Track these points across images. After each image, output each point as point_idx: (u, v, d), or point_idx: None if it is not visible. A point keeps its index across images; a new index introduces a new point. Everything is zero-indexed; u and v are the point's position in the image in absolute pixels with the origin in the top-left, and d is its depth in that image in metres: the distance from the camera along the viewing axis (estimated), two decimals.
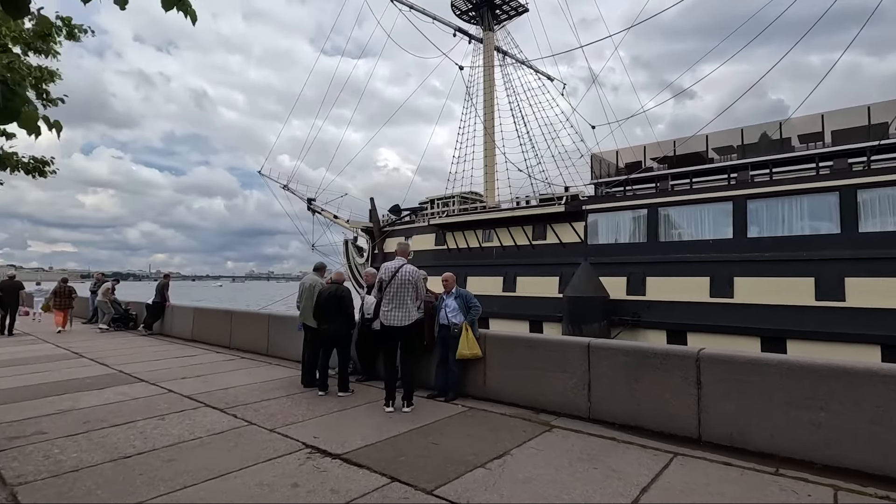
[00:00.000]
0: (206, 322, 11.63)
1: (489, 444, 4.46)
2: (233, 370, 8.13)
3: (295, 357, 8.88)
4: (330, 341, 6.61)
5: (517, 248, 26.02)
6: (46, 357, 9.53)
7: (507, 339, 6.09)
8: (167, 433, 4.84)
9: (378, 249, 34.28)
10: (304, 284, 7.20)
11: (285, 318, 9.43)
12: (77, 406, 5.86)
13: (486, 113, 31.85)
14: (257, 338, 9.89)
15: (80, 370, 8.12)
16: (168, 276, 14.80)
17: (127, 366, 8.51)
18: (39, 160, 5.70)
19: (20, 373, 7.94)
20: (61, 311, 14.34)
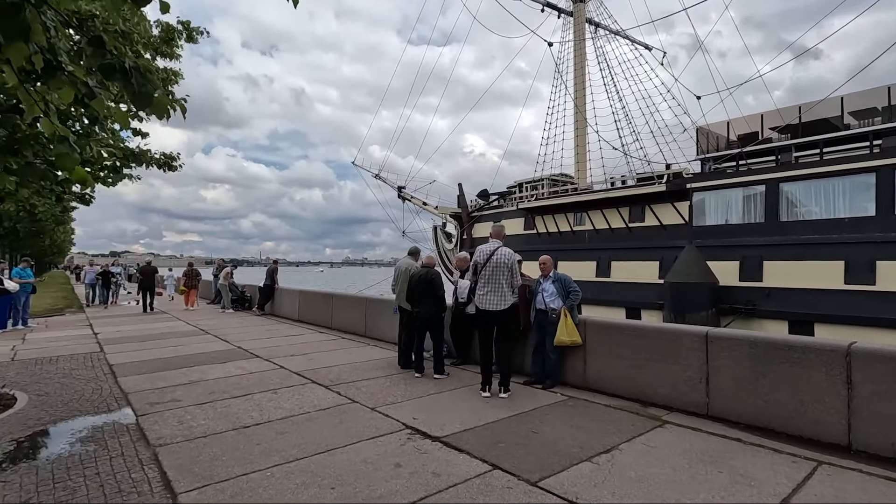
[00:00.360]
0: (310, 304, 12.41)
1: (594, 437, 4.18)
2: (334, 349, 8.56)
3: (391, 339, 9.15)
4: (423, 324, 6.67)
5: (612, 231, 24.68)
6: (180, 333, 10.77)
7: (610, 326, 5.70)
8: (280, 406, 5.17)
9: (466, 235, 34.45)
10: (399, 268, 7.32)
11: (381, 302, 9.73)
12: (204, 378, 6.50)
13: (578, 90, 30.31)
14: (356, 319, 10.33)
15: (206, 345, 9.05)
16: (276, 261, 16.01)
17: (244, 342, 9.32)
18: (168, 156, 6.33)
19: (160, 346, 9.02)
20: (191, 289, 16.66)
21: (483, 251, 5.77)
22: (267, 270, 15.11)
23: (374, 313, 9.82)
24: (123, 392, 5.85)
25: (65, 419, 4.87)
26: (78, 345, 9.30)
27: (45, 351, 8.65)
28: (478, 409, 5.05)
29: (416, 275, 6.74)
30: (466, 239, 34.70)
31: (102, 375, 6.76)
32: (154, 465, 3.68)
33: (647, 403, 5.13)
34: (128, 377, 6.60)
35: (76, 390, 5.98)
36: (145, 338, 10.08)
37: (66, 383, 6.34)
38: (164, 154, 6.22)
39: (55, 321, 13.56)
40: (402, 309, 7.21)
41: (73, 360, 7.88)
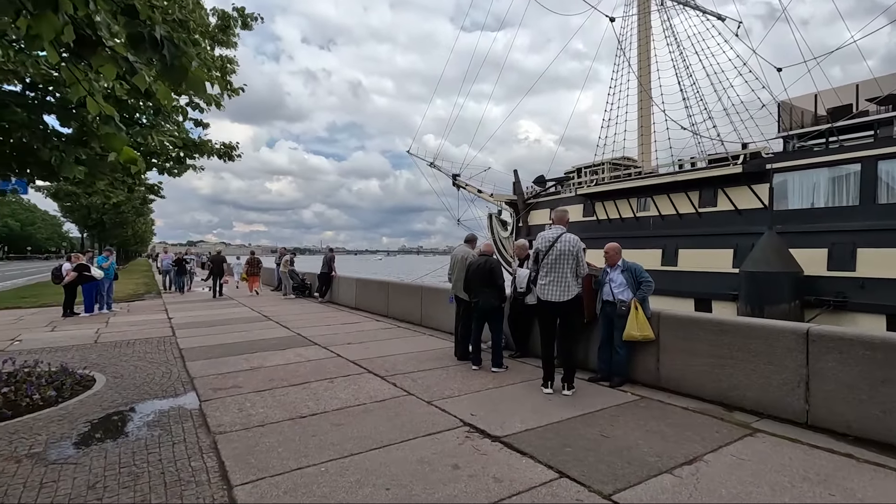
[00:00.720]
0: (366, 292, 12.50)
1: (674, 445, 3.75)
2: (390, 339, 8.50)
3: (446, 328, 8.97)
4: (481, 315, 6.39)
5: (679, 217, 23.23)
6: (244, 319, 11.16)
7: (688, 321, 5.15)
8: (336, 397, 5.10)
9: (522, 222, 33.75)
10: (456, 256, 7.07)
11: (437, 291, 9.57)
12: (264, 364, 6.60)
13: (642, 66, 28.56)
14: (411, 308, 10.24)
15: (268, 332, 9.28)
16: (332, 250, 16.35)
17: (303, 329, 9.48)
18: (228, 145, 6.42)
19: (226, 332, 9.36)
20: (254, 276, 18.11)
21: (545, 238, 5.39)
22: (324, 259, 15.41)
23: (429, 302, 9.68)
24: (190, 376, 6.03)
25: (135, 402, 5.05)
26: (153, 329, 9.84)
27: (124, 334, 9.21)
28: (540, 406, 4.72)
29: (473, 263, 6.46)
30: (522, 227, 34.01)
31: (172, 359, 7.04)
32: (213, 454, 3.68)
33: (731, 408, 4.59)
34: (195, 362, 6.83)
35: (148, 373, 6.25)
36: (213, 323, 10.52)
37: (139, 366, 6.65)
38: (224, 144, 6.28)
39: (136, 306, 14.55)
40: (458, 298, 6.97)
41: (148, 343, 8.31)
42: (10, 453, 3.73)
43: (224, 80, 6.03)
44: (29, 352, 7.65)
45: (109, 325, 10.39)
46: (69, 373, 5.92)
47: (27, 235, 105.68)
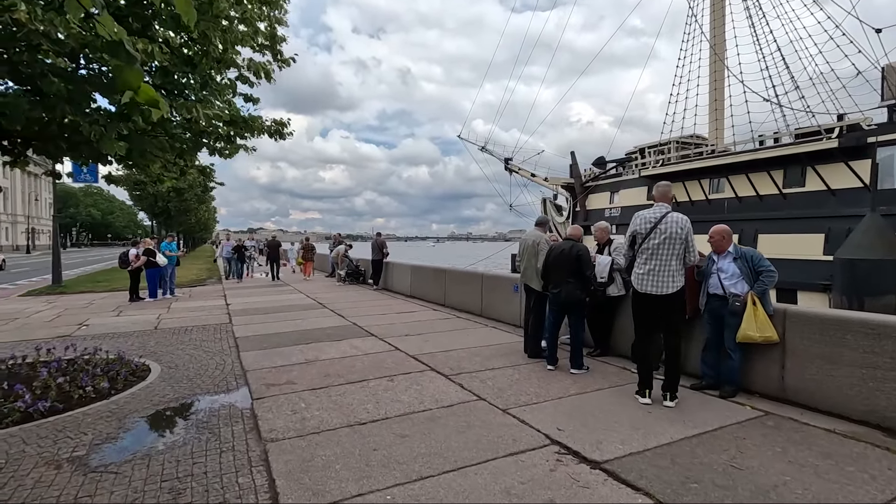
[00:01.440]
0: (421, 280, 11.97)
1: (837, 487, 2.87)
2: (450, 330, 7.89)
3: (509, 320, 8.27)
4: (561, 308, 5.61)
5: (759, 198, 21.15)
6: (300, 306, 10.94)
7: (830, 321, 4.14)
8: (397, 399, 4.54)
9: (580, 206, 32.25)
10: (526, 242, 6.30)
11: (499, 278, 8.85)
12: (320, 357, 6.16)
13: (716, 33, 26.04)
14: (470, 297, 9.59)
15: (322, 320, 8.93)
16: (380, 234, 15.97)
17: (358, 318, 9.07)
18: (279, 122, 5.95)
19: (282, 319, 9.11)
20: (307, 261, 19.36)
21: (646, 218, 4.53)
22: (372, 244, 15.01)
23: (490, 291, 8.98)
24: (243, 369, 5.69)
25: (186, 397, 4.72)
26: (211, 315, 9.77)
27: (183, 321, 9.15)
28: (640, 421, 3.93)
29: (555, 248, 5.66)
30: (580, 211, 32.52)
31: (227, 349, 6.78)
32: (263, 468, 3.18)
33: (893, 432, 3.61)
34: (249, 352, 6.52)
35: (202, 364, 5.97)
36: (269, 310, 10.35)
37: (194, 355, 6.41)
38: (275, 121, 5.81)
39: (197, 291, 14.82)
40: (529, 289, 6.22)
41: (205, 331, 8.15)
42: (52, 456, 3.41)
43: (274, 48, 5.55)
44: (93, 337, 7.67)
45: (171, 311, 10.45)
46: (125, 362, 5.74)
47: (107, 224, 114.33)
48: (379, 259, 14.65)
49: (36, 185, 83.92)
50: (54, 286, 14.76)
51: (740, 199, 21.81)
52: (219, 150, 6.24)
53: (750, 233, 21.03)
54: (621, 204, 28.80)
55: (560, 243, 5.78)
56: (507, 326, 8.13)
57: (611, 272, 5.98)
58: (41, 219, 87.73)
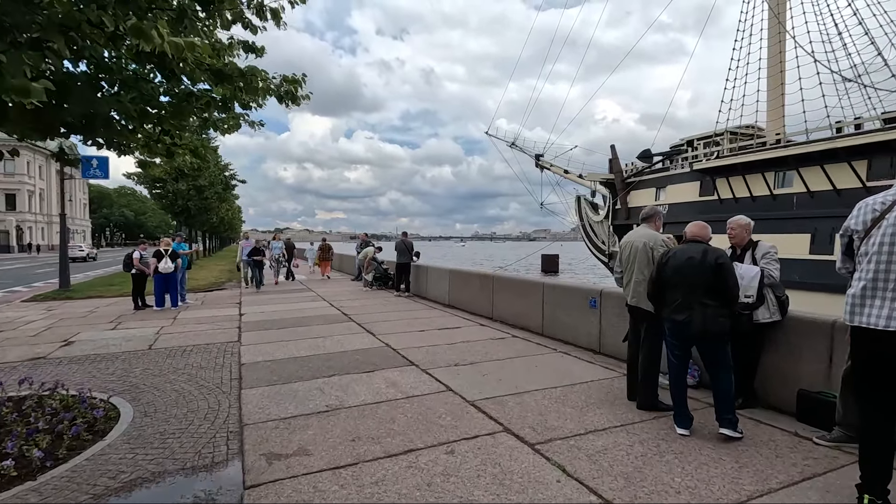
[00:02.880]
0: (463, 287, 10.26)
1: None
2: (511, 357, 6.15)
3: (583, 343, 6.52)
4: (688, 341, 3.82)
5: (837, 193, 18.69)
6: (322, 318, 9.37)
7: None
8: (466, 490, 2.85)
9: (621, 204, 30.02)
10: (633, 245, 4.49)
11: (568, 290, 7.06)
12: (346, 402, 4.52)
13: (780, 6, 23.37)
14: (528, 311, 7.84)
15: (348, 339, 7.32)
16: (406, 234, 14.41)
17: (391, 337, 7.43)
18: (291, 79, 4.33)
19: (300, 337, 7.54)
20: (325, 262, 19.35)
21: (868, 207, 2.74)
22: (397, 246, 13.36)
23: (555, 304, 7.21)
24: (241, 421, 4.09)
25: (147, 478, 3.13)
26: (219, 330, 8.28)
27: (185, 337, 7.69)
28: None
29: (680, 254, 3.87)
30: (621, 209, 30.30)
31: (227, 382, 5.22)
32: None
33: None
34: (253, 389, 4.94)
35: (190, 407, 4.42)
36: (286, 323, 8.82)
37: (184, 392, 4.87)
38: (286, 77, 4.19)
39: (212, 297, 13.47)
40: (637, 311, 4.43)
41: (207, 352, 6.64)
42: None
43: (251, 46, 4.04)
44: (70, 361, 6.25)
45: (175, 323, 9.03)
46: (87, 406, 4.25)
47: (140, 224, 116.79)
48: (406, 263, 13.08)
49: (71, 186, 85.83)
50: (61, 291, 13.65)
51: (812, 195, 19.38)
52: (213, 122, 4.68)
53: (826, 231, 18.61)
54: (669, 201, 26.49)
55: (682, 248, 3.98)
56: (581, 352, 6.37)
57: (760, 288, 4.16)
58: (76, 219, 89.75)
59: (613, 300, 6.10)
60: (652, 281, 4.03)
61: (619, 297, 6.01)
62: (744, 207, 21.82)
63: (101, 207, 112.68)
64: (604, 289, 6.36)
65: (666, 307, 3.90)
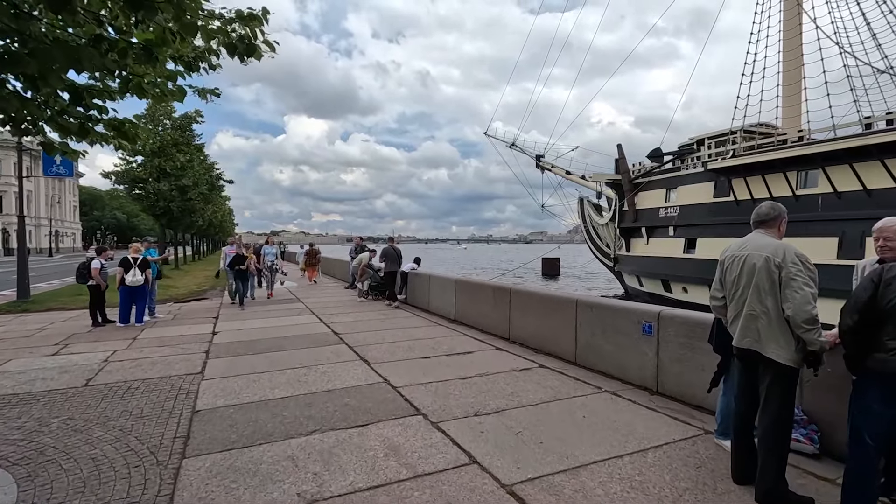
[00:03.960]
0: (473, 300, 8.86)
1: None
2: (546, 401, 4.76)
3: (633, 378, 5.14)
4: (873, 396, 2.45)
5: (867, 194, 17.44)
6: (307, 338, 7.96)
7: None
8: None
9: (629, 205, 28.73)
10: (748, 260, 3.06)
11: (610, 310, 5.68)
12: (326, 489, 3.10)
13: None
14: (556, 333, 6.46)
15: (337, 371, 5.91)
16: (392, 238, 13.15)
17: (390, 367, 6.04)
18: (247, 16, 2.95)
19: (277, 366, 6.14)
20: (311, 267, 18.86)
21: None
22: (385, 252, 11.99)
23: (594, 327, 5.83)
24: None
25: None
26: (182, 356, 6.86)
27: (136, 367, 6.26)
28: None
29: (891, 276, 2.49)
30: (628, 211, 29.02)
31: (167, 444, 3.81)
32: None
33: None
34: (200, 459, 3.53)
35: (99, 497, 3.01)
36: (265, 345, 7.40)
37: (102, 463, 3.47)
38: (240, 13, 2.81)
39: (188, 309, 12.03)
40: (750, 355, 3.04)
41: (156, 391, 5.22)
42: None
43: None
44: None
45: (132, 346, 7.59)
46: None
47: (132, 226, 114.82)
48: (395, 271, 11.81)
49: (60, 188, 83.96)
50: (18, 302, 12.15)
51: (839, 195, 18.12)
52: (138, 84, 3.29)
53: (855, 235, 17.36)
54: (680, 202, 25.23)
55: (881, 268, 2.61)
56: (634, 391, 5.00)
57: None
58: (65, 221, 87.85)
59: (676, 327, 4.73)
60: (859, 310, 2.62)
61: (683, 322, 4.66)
62: None
63: (93, 209, 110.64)
64: (662, 311, 4.99)
65: (881, 352, 2.51)
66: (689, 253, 24.38)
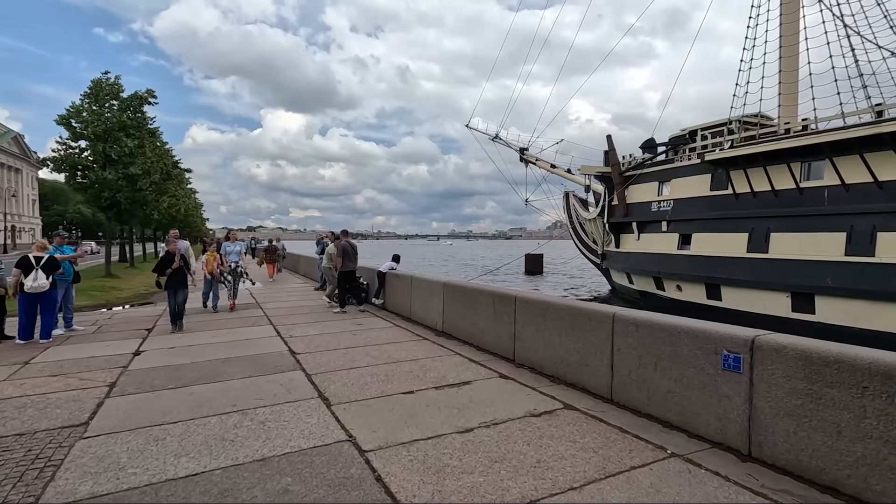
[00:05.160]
0: (466, 309, 7.18)
1: None
2: (596, 480, 3.12)
3: (707, 433, 3.57)
4: None
5: (879, 186, 16.34)
6: (255, 362, 6.17)
7: None
8: None
9: (619, 199, 27.43)
10: None
11: (660, 328, 4.06)
12: None
13: None
14: (583, 358, 4.85)
15: (284, 420, 4.16)
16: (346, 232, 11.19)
17: (361, 411, 4.34)
18: None
19: (202, 409, 4.38)
20: (270, 263, 19.01)
21: None
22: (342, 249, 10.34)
23: (640, 352, 4.23)
24: None
25: None
26: (72, 394, 5.01)
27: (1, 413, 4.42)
28: None
29: None
30: (618, 206, 27.72)
31: None
32: None
33: None
34: None
35: None
36: (195, 375, 5.59)
37: None
38: None
39: (122, 318, 10.07)
40: None
41: (3, 466, 3.43)
42: None
43: None
44: None
45: (15, 376, 5.68)
46: None
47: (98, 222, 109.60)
48: (352, 271, 10.24)
49: (17, 181, 79.16)
50: None
51: (848, 188, 17.02)
52: None
53: (864, 230, 16.29)
54: (674, 196, 24.00)
55: None
56: (714, 455, 3.41)
57: None
58: (23, 216, 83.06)
59: (789, 363, 3.16)
60: None
61: (800, 357, 3.12)
62: (763, 203, 19.51)
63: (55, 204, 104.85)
64: (758, 338, 3.39)
65: None
66: (683, 249, 23.21)
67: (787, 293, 18.38)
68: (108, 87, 17.75)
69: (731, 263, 20.30)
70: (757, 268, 19.29)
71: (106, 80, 18.08)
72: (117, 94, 17.96)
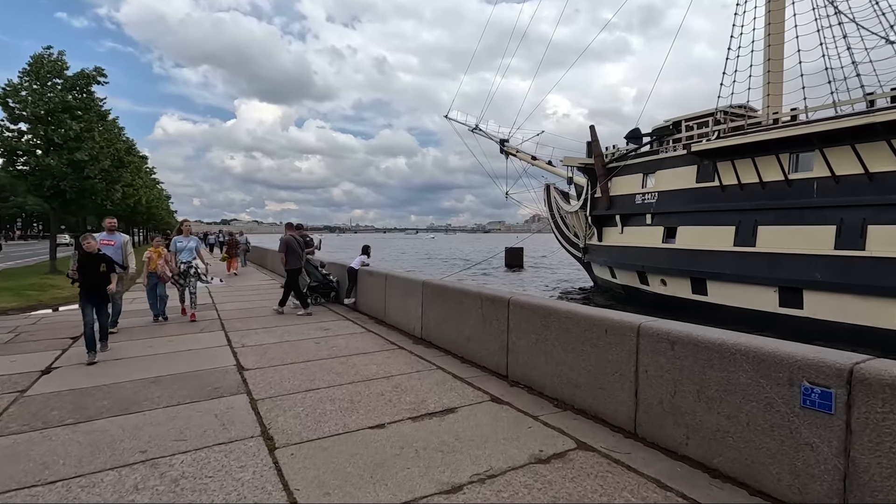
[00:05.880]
0: (448, 312, 6.14)
1: None
2: None
3: (778, 491, 2.60)
4: None
5: (868, 178, 15.93)
6: (190, 382, 5.02)
7: None
8: None
9: (602, 191, 26.77)
10: None
11: (705, 347, 3.10)
12: None
13: None
14: (596, 379, 3.89)
15: (207, 479, 3.08)
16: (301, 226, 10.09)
17: (313, 457, 3.28)
18: None
19: (93, 462, 3.25)
20: (231, 258, 18.46)
21: None
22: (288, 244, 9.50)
23: (677, 377, 3.28)
24: None
25: None
26: None
27: None
28: None
29: None
30: (601, 198, 27.07)
31: None
32: None
33: None
34: None
35: None
36: (104, 406, 4.41)
37: None
38: None
39: (50, 322, 8.74)
40: None
41: None
42: None
43: None
44: None
45: None
46: None
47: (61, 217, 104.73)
48: (298, 269, 9.34)
49: None
50: None
51: (837, 180, 16.59)
52: None
53: (854, 224, 15.87)
54: (659, 188, 23.41)
55: None
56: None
57: None
58: None
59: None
60: None
61: None
62: (750, 195, 19.00)
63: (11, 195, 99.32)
64: (859, 365, 2.46)
65: None
66: (668, 242, 22.68)
67: (775, 288, 17.92)
68: (49, 64, 16.00)
69: (717, 257, 19.80)
70: (744, 262, 18.82)
71: (48, 57, 16.33)
72: (61, 72, 16.19)
